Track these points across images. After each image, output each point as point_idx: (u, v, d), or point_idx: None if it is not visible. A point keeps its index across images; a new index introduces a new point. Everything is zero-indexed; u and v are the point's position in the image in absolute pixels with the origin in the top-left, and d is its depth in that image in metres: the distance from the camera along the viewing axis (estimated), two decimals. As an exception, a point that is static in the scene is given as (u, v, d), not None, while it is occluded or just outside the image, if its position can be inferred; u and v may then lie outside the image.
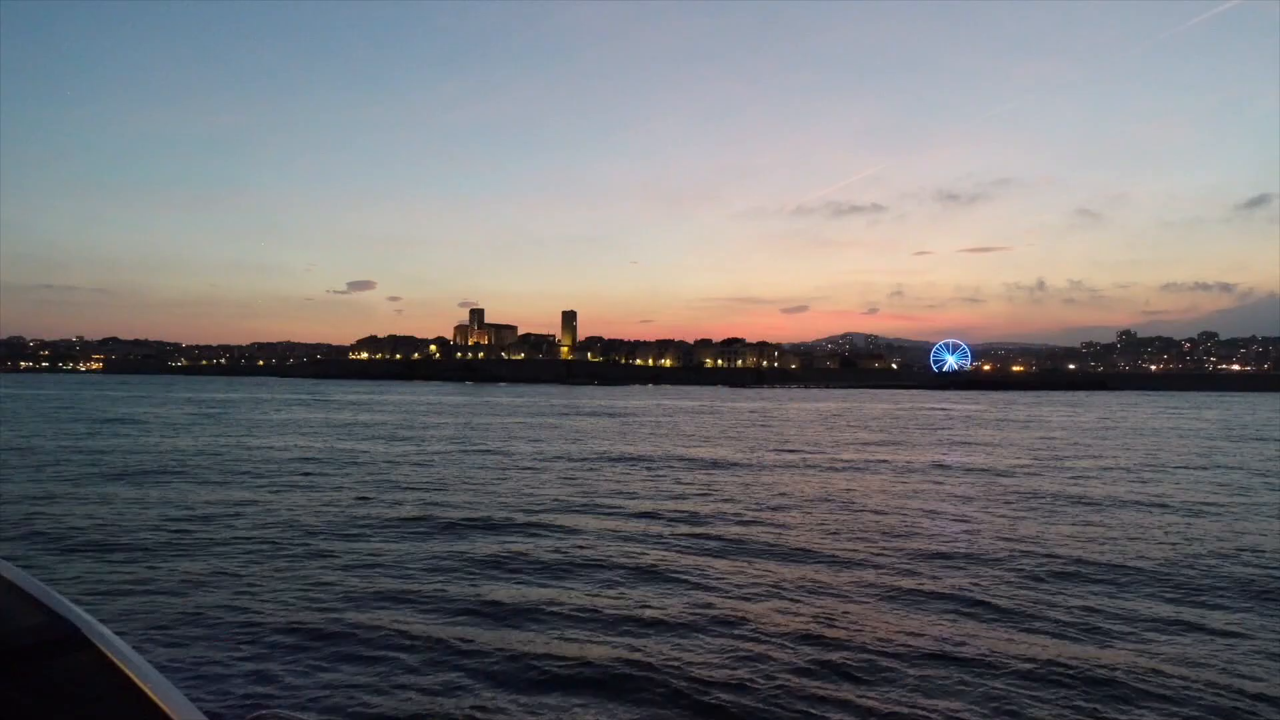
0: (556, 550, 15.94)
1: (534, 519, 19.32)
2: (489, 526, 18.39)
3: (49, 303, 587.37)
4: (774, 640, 10.63)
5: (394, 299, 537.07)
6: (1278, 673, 9.70)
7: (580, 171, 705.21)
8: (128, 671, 3.52)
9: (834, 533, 18.25)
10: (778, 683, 9.14)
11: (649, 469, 30.66)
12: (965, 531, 18.55)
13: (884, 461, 34.46)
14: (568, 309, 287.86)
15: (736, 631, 11.03)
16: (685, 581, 13.76)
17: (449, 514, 19.81)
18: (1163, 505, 22.74)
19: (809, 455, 36.84)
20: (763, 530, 18.51)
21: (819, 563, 15.33)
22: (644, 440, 44.11)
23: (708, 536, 17.71)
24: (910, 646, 10.38)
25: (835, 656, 10.00)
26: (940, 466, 32.74)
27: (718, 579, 14.00)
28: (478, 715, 8.13)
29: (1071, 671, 9.57)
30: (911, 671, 9.54)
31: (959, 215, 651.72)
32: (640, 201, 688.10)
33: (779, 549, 16.55)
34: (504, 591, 12.82)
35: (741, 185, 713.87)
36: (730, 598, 12.81)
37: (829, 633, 10.94)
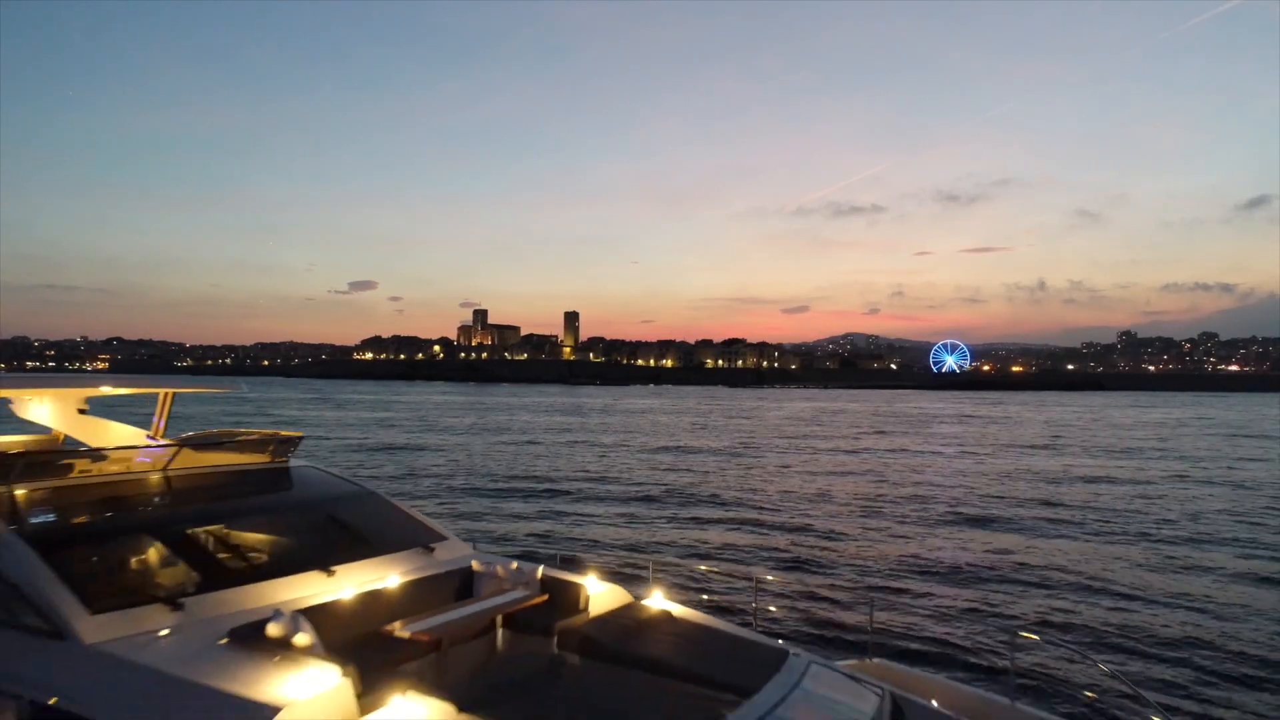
0: (571, 512, 19.17)
1: (561, 488, 22.66)
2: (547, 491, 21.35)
3: (51, 303, 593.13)
4: (758, 562, 13.58)
5: (395, 299, 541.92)
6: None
7: (580, 171, 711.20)
8: (402, 508, 6.44)
9: (813, 498, 21.15)
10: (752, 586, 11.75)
11: (650, 459, 33.35)
12: (924, 500, 21.55)
13: (864, 450, 37.08)
14: (569, 309, 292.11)
15: (723, 557, 14.00)
16: (687, 526, 16.75)
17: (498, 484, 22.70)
18: (1105, 479, 25.57)
19: (798, 446, 39.48)
20: (749, 494, 21.63)
21: (799, 517, 18.28)
22: (645, 434, 46.95)
23: (705, 499, 20.90)
24: (870, 569, 13.43)
25: (814, 580, 12.70)
26: (915, 453, 35.32)
27: (709, 523, 17.41)
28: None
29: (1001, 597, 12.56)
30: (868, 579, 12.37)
31: (959, 215, 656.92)
32: (640, 201, 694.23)
33: (764, 508, 19.63)
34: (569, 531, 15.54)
35: (741, 185, 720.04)
36: (719, 533, 16.08)
37: (809, 567, 13.80)
